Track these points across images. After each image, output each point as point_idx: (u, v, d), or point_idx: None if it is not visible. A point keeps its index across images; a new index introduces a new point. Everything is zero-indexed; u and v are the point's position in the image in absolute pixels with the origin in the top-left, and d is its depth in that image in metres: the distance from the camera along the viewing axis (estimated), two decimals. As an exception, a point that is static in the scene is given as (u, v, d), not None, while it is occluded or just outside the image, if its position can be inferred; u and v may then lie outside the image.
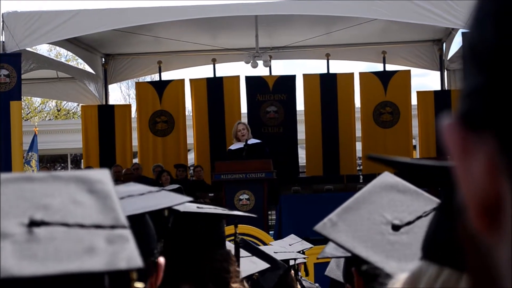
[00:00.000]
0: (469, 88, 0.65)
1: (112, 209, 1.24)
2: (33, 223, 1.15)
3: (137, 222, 1.79)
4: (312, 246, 6.74)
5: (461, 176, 0.66)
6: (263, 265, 3.76)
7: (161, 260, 2.01)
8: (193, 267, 2.62)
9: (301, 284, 5.46)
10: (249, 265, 3.62)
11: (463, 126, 0.65)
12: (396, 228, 1.77)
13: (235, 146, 13.67)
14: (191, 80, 17.94)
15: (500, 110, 0.61)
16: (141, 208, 1.81)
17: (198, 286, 2.62)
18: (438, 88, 18.00)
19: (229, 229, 3.27)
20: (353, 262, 2.22)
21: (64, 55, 30.66)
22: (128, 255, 1.23)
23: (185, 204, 2.18)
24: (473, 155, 0.64)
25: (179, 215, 2.34)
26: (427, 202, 1.81)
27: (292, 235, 6.74)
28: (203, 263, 2.64)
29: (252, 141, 13.61)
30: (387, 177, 1.89)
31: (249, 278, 3.67)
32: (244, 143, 13.42)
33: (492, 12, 0.63)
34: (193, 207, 2.53)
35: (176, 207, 2.13)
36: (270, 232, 12.80)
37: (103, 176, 1.28)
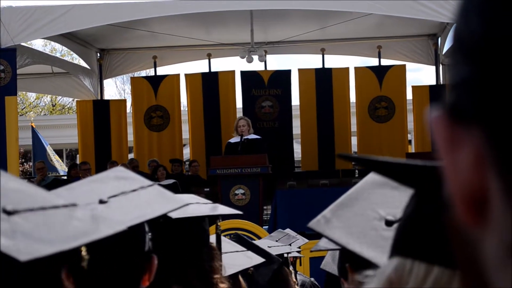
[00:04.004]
0: (456, 80, 0.65)
1: (40, 194, 1.26)
2: (8, 213, 1.16)
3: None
4: (307, 240, 6.75)
5: (448, 169, 0.66)
6: (258, 259, 3.76)
7: (154, 257, 2.01)
8: (180, 268, 2.62)
9: (296, 278, 5.47)
10: (244, 259, 3.62)
11: (451, 118, 0.65)
12: (389, 223, 1.77)
13: (234, 139, 13.69)
14: (186, 75, 17.93)
15: (486, 102, 0.61)
16: (136, 218, 1.81)
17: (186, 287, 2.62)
18: (433, 82, 18.03)
19: (225, 224, 3.27)
20: (347, 258, 2.23)
21: (59, 50, 30.63)
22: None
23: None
24: (460, 147, 0.64)
25: (164, 217, 2.34)
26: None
27: (288, 230, 6.75)
28: (190, 265, 2.65)
29: (251, 136, 13.61)
30: (380, 173, 1.89)
31: (243, 272, 3.68)
32: (240, 138, 13.43)
33: (477, 2, 0.63)
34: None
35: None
36: (265, 226, 12.80)
37: None
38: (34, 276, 1.26)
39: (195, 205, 2.67)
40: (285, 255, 4.97)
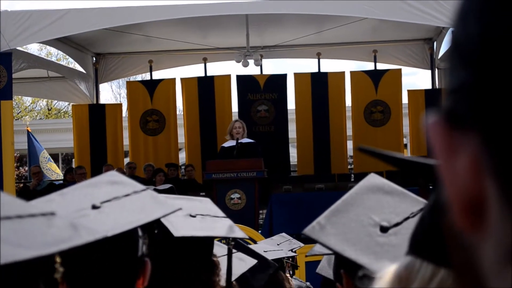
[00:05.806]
0: (453, 85, 0.64)
1: (17, 203, 1.25)
2: None
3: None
4: (303, 245, 6.74)
5: (446, 174, 0.66)
6: (251, 261, 3.73)
7: (147, 261, 2.00)
8: (182, 279, 2.60)
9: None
10: (238, 263, 3.59)
11: (448, 123, 0.65)
12: (384, 229, 1.77)
13: (228, 143, 13.66)
14: (182, 79, 17.93)
15: (483, 107, 0.60)
16: (129, 223, 1.80)
17: None
18: (429, 86, 18.04)
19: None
20: (342, 263, 2.22)
21: (55, 54, 30.62)
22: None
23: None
24: (457, 153, 0.64)
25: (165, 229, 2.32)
26: (413, 203, 1.81)
27: (283, 234, 6.74)
28: (191, 276, 2.63)
29: (245, 140, 13.59)
30: (373, 179, 1.89)
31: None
32: (236, 142, 13.41)
33: (475, 7, 0.62)
34: (182, 218, 2.49)
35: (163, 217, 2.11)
36: (260, 230, 12.79)
37: None
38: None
39: (210, 220, 2.62)
40: (289, 259, 4.96)
